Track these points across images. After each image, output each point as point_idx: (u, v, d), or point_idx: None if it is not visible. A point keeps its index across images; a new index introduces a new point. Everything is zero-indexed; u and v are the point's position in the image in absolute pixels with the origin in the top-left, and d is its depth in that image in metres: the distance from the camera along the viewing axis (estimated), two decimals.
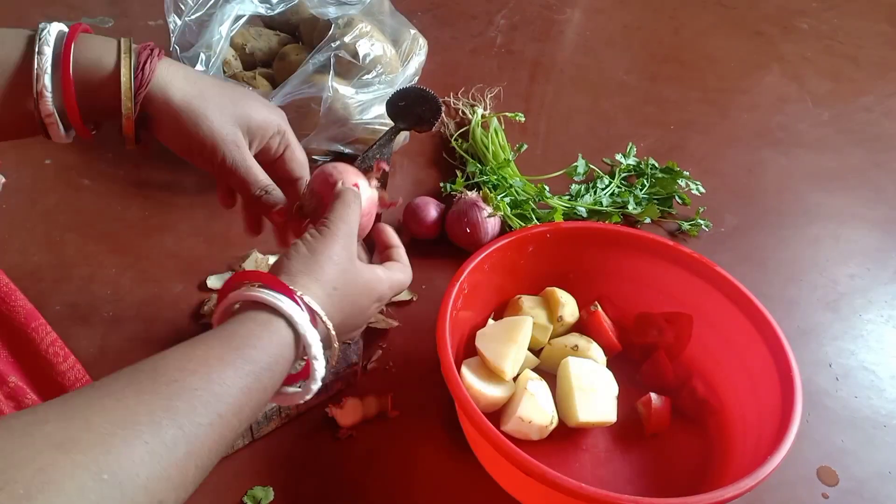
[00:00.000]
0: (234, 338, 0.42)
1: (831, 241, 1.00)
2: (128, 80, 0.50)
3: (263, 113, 0.57)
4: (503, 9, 1.54)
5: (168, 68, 0.53)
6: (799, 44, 1.52)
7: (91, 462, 0.31)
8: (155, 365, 0.38)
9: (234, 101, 0.55)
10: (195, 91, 0.53)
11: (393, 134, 0.68)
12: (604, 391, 0.68)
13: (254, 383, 0.41)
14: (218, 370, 0.39)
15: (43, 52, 0.48)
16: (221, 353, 0.40)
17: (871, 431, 0.74)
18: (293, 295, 0.45)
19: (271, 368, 0.42)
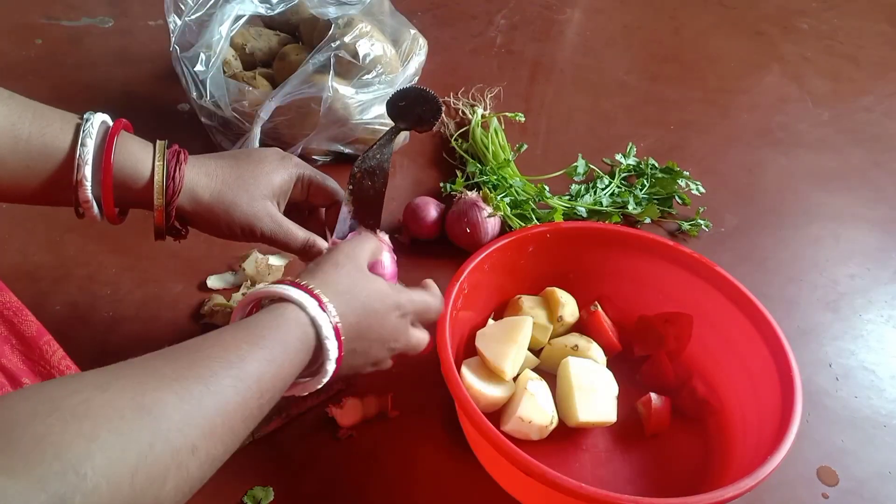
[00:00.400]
0: (251, 323, 0.46)
1: (831, 241, 1.00)
2: (160, 188, 0.55)
3: (281, 173, 0.61)
4: (503, 9, 1.54)
5: (192, 170, 0.57)
6: (799, 44, 1.52)
7: (129, 399, 0.34)
8: (179, 346, 0.42)
9: (255, 178, 0.59)
10: (219, 185, 0.58)
11: (393, 134, 0.68)
12: (604, 391, 0.68)
13: (269, 355, 0.44)
14: (235, 346, 0.43)
15: (86, 144, 0.52)
16: (240, 335, 0.44)
17: (871, 431, 0.74)
18: (300, 285, 0.49)
19: (285, 347, 0.46)
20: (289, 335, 0.46)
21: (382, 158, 0.68)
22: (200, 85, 0.90)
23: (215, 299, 0.79)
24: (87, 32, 1.30)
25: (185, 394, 0.37)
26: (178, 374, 0.38)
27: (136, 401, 0.34)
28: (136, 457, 0.32)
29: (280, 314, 0.47)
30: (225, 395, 0.39)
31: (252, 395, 0.41)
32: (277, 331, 0.46)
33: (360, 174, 0.67)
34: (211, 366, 0.40)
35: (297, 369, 0.47)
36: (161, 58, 1.22)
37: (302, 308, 0.48)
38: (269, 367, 0.43)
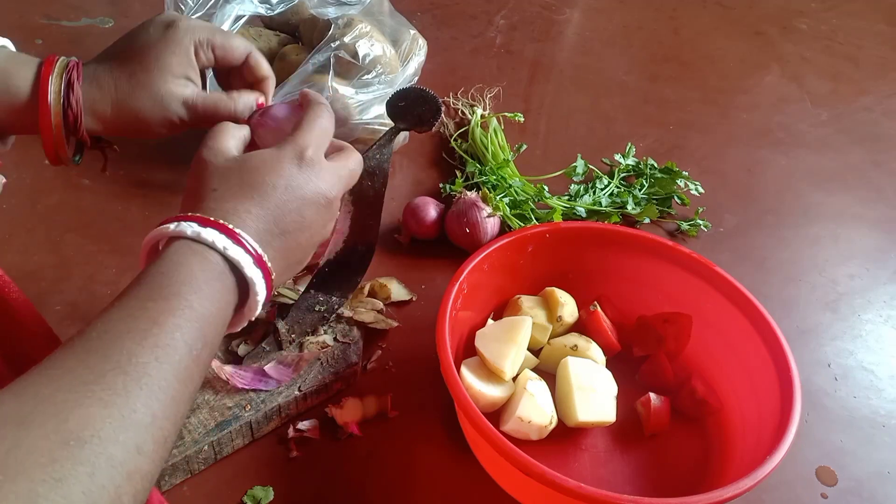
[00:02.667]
0: (155, 278, 0.40)
1: (831, 241, 1.00)
2: (58, 114, 0.49)
3: (172, 48, 0.53)
4: (503, 9, 1.54)
5: (84, 88, 0.51)
6: (798, 44, 1.52)
7: (53, 433, 0.31)
8: (88, 329, 0.37)
9: (146, 70, 0.52)
10: (115, 94, 0.52)
11: (393, 134, 0.68)
12: (603, 391, 0.68)
13: (183, 307, 0.39)
14: (142, 308, 0.38)
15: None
16: (145, 295, 0.39)
17: (869, 431, 0.74)
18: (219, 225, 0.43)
19: (197, 290, 0.40)
20: (194, 273, 0.41)
21: (382, 159, 0.68)
22: None
23: None
24: (87, 32, 1.30)
25: (109, 395, 0.34)
26: (96, 373, 0.34)
27: (61, 432, 0.31)
28: (81, 498, 0.30)
29: (176, 253, 0.41)
30: (150, 375, 0.35)
31: (181, 356, 0.37)
32: (178, 272, 0.40)
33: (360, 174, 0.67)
34: (125, 346, 0.36)
35: (221, 307, 0.42)
36: None
37: (203, 242, 0.42)
38: (188, 316, 0.39)
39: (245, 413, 0.65)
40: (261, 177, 0.46)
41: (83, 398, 0.33)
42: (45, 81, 0.49)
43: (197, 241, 0.42)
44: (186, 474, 0.63)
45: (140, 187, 0.95)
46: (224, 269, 0.42)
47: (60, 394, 0.33)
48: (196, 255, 0.41)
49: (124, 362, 0.35)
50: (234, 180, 0.45)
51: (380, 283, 0.82)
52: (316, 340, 0.73)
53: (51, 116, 0.49)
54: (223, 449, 0.65)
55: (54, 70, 0.49)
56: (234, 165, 0.46)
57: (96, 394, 0.33)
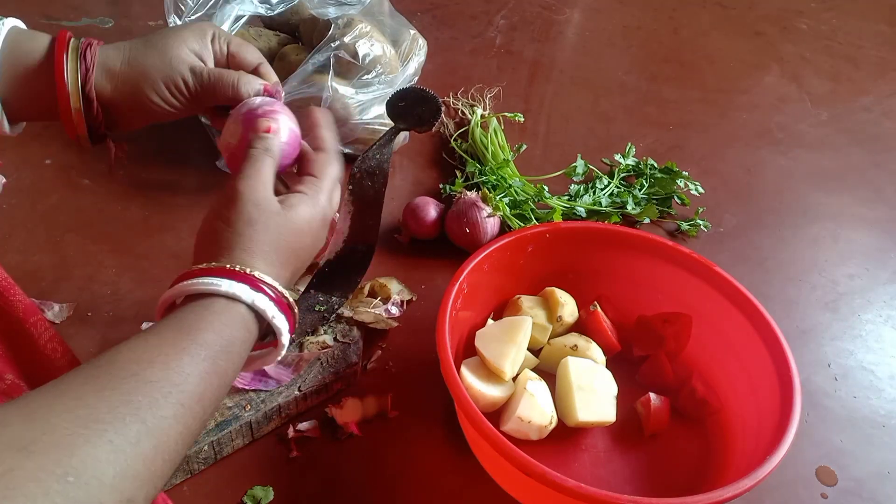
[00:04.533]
0: (183, 323, 0.41)
1: (830, 241, 1.00)
2: (74, 69, 0.50)
3: (193, 31, 0.56)
4: (503, 9, 1.54)
5: (100, 50, 0.53)
6: (798, 44, 1.52)
7: (55, 465, 0.31)
8: (112, 359, 0.37)
9: (164, 40, 0.54)
10: (129, 53, 0.53)
11: (393, 134, 0.68)
12: (603, 391, 0.68)
13: (211, 367, 0.40)
14: (175, 358, 0.39)
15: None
16: (175, 340, 0.40)
17: (869, 431, 0.74)
18: (227, 273, 0.44)
19: (227, 350, 0.42)
20: (234, 334, 0.42)
21: (382, 159, 0.68)
22: None
23: None
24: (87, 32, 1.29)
25: (121, 441, 0.33)
26: (114, 413, 0.34)
27: (62, 467, 0.31)
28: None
29: (215, 311, 0.42)
30: (163, 430, 0.36)
31: (194, 415, 0.38)
32: (221, 333, 0.41)
33: (360, 174, 0.67)
34: (149, 393, 0.36)
35: (238, 364, 0.44)
36: None
37: (238, 300, 0.43)
38: (211, 381, 0.40)
39: (245, 413, 0.65)
40: (303, 240, 0.49)
41: (94, 437, 0.33)
42: (61, 42, 0.50)
43: (242, 302, 0.43)
44: (186, 474, 0.63)
45: (140, 187, 0.95)
46: (252, 324, 0.44)
47: (72, 426, 0.33)
48: (236, 318, 0.43)
49: (144, 409, 0.35)
50: (283, 241, 0.48)
51: (380, 283, 0.82)
52: (316, 340, 0.73)
53: (65, 72, 0.50)
54: (223, 449, 0.65)
55: (70, 37, 0.51)
56: (282, 221, 0.48)
57: (108, 436, 0.33)
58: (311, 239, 0.51)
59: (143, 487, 0.34)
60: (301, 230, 0.49)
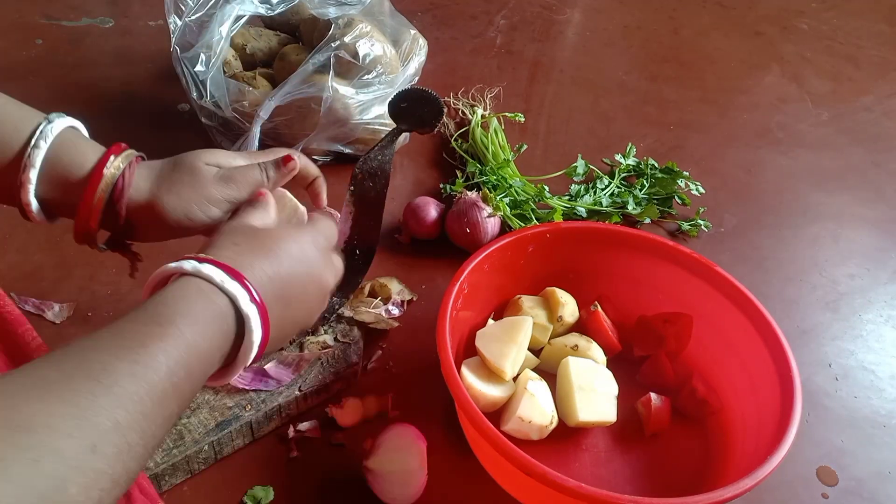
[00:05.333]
0: (149, 304, 0.42)
1: (831, 241, 1.00)
2: (109, 182, 0.52)
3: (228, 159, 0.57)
4: (503, 9, 1.54)
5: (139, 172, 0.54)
6: (799, 44, 1.52)
7: (2, 420, 0.32)
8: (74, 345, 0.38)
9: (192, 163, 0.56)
10: (158, 170, 0.55)
11: (395, 135, 0.68)
12: (604, 391, 0.68)
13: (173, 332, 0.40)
14: (130, 332, 0.39)
15: (38, 146, 0.50)
16: (140, 318, 0.40)
17: (870, 431, 0.74)
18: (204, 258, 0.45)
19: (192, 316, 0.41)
20: (194, 306, 0.42)
21: (384, 160, 0.68)
22: (200, 85, 0.90)
23: None
24: (87, 32, 1.30)
25: (72, 396, 0.34)
26: (65, 375, 0.35)
27: (11, 419, 0.31)
28: (18, 479, 0.30)
29: (178, 287, 0.43)
30: (122, 385, 0.35)
31: (159, 378, 0.38)
32: (177, 303, 0.41)
33: (362, 175, 0.67)
34: (102, 358, 0.36)
35: (213, 346, 0.42)
36: (161, 58, 1.22)
37: (213, 282, 0.43)
38: (176, 343, 0.39)
39: (245, 413, 0.65)
40: (281, 244, 0.49)
41: (44, 394, 0.33)
42: (106, 157, 0.52)
43: (201, 278, 0.43)
44: (187, 474, 0.63)
45: None
46: (227, 312, 0.43)
47: (21, 389, 0.33)
48: (200, 292, 0.42)
49: (97, 370, 0.35)
50: (257, 242, 0.48)
51: (380, 283, 0.82)
52: (316, 340, 0.73)
53: (99, 185, 0.51)
54: (223, 449, 0.65)
55: (121, 154, 0.52)
56: (261, 232, 0.50)
57: (58, 392, 0.34)
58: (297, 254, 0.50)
59: (106, 436, 0.34)
60: (284, 241, 0.49)
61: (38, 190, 0.51)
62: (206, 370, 0.42)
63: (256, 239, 0.48)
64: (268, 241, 0.48)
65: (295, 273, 0.49)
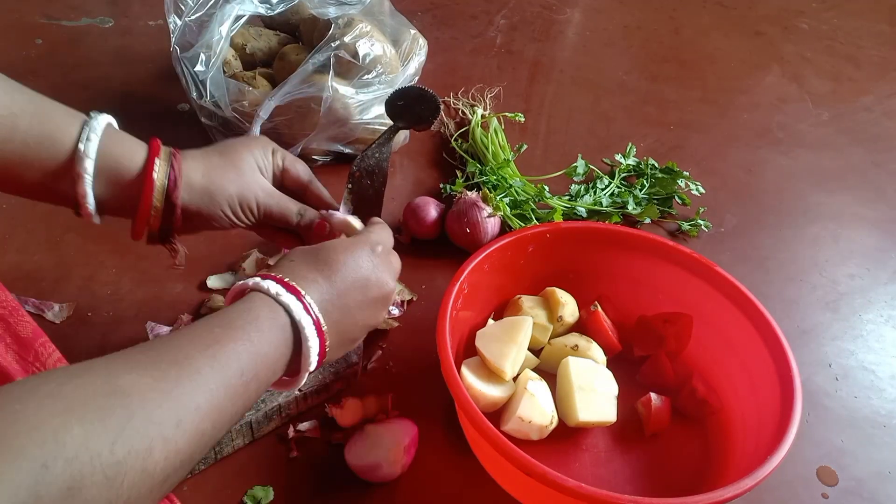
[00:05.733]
0: (223, 313, 0.46)
1: (831, 241, 1.00)
2: (162, 184, 0.55)
3: (261, 146, 0.62)
4: (503, 9, 1.54)
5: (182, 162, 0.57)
6: (799, 44, 1.52)
7: (101, 382, 0.35)
8: (155, 340, 0.42)
9: (239, 156, 0.60)
10: (207, 168, 0.58)
11: (392, 133, 0.68)
12: (604, 391, 0.68)
13: (242, 336, 0.44)
14: (207, 332, 0.43)
15: (90, 140, 0.52)
16: (214, 322, 0.45)
17: (870, 431, 0.74)
18: (272, 276, 0.49)
19: (256, 325, 0.46)
20: (260, 315, 0.46)
21: (381, 157, 0.68)
22: (200, 85, 0.90)
23: (215, 299, 0.79)
24: (87, 32, 1.30)
25: (161, 375, 0.38)
26: (153, 361, 0.38)
27: (109, 384, 0.35)
28: (116, 428, 0.33)
29: (249, 300, 0.47)
30: (202, 375, 0.40)
31: (232, 374, 0.42)
32: (248, 314, 0.46)
33: (360, 173, 0.67)
34: (185, 350, 0.41)
35: (277, 352, 0.47)
36: (161, 58, 1.22)
37: (270, 295, 0.48)
38: (245, 346, 0.44)
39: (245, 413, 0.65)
40: (335, 255, 0.53)
41: (135, 370, 0.37)
42: (151, 160, 0.55)
43: (262, 291, 0.48)
44: (187, 474, 0.63)
45: None
46: (286, 324, 0.48)
47: (115, 365, 0.37)
48: (266, 306, 0.47)
49: (181, 359, 0.40)
50: (311, 257, 0.53)
51: None
52: None
53: (153, 189, 0.54)
54: (223, 448, 0.65)
55: (161, 153, 0.56)
56: (319, 248, 0.54)
57: (148, 372, 0.37)
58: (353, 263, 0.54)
59: (188, 414, 0.38)
60: (338, 253, 0.53)
61: (93, 186, 0.53)
62: (271, 375, 0.47)
63: (311, 254, 0.53)
64: (322, 254, 0.53)
65: (351, 281, 0.53)
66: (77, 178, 0.52)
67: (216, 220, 0.59)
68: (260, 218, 0.61)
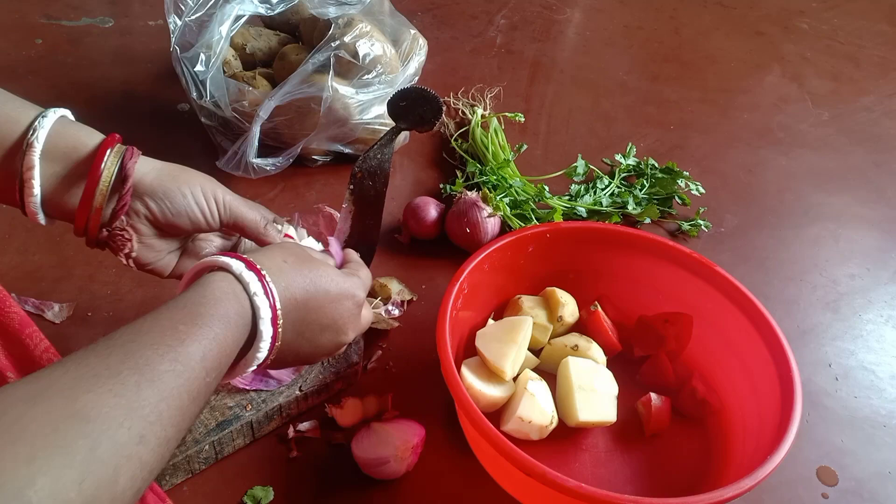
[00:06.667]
0: (190, 301, 0.44)
1: (831, 241, 1.00)
2: (110, 174, 0.52)
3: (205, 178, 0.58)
4: (503, 9, 1.54)
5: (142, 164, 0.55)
6: (799, 44, 1.52)
7: (60, 408, 0.33)
8: (112, 335, 0.40)
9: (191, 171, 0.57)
10: (164, 166, 0.56)
11: (394, 134, 0.68)
12: (604, 391, 0.68)
13: (210, 335, 0.43)
14: (171, 330, 0.41)
15: (36, 129, 0.50)
16: (179, 316, 0.43)
17: (870, 431, 0.74)
18: (244, 259, 0.48)
19: (225, 319, 0.44)
20: (229, 310, 0.45)
21: (383, 158, 0.68)
22: (200, 85, 0.90)
23: None
24: (87, 32, 1.30)
25: (121, 388, 0.36)
26: (112, 370, 0.36)
27: (68, 409, 0.33)
28: (80, 466, 0.32)
29: (218, 287, 0.45)
30: (164, 381, 0.38)
31: (196, 376, 0.40)
32: (216, 305, 0.44)
33: (361, 174, 0.67)
34: (146, 354, 0.38)
35: (238, 343, 0.46)
36: (161, 58, 1.22)
37: (240, 281, 0.46)
38: (211, 346, 0.42)
39: (246, 413, 0.65)
40: (322, 280, 0.52)
41: (94, 386, 0.35)
42: (105, 146, 0.52)
43: (239, 280, 0.46)
44: (187, 474, 0.63)
45: None
46: (249, 316, 0.46)
47: (73, 381, 0.35)
48: (235, 296, 0.45)
49: (142, 365, 0.38)
50: (305, 268, 0.51)
51: (380, 283, 0.82)
52: None
53: (99, 177, 0.52)
54: (224, 448, 0.65)
55: (115, 146, 0.53)
56: (314, 262, 0.53)
57: (107, 385, 0.35)
58: (332, 302, 0.53)
59: (152, 426, 0.36)
60: (327, 280, 0.53)
61: (41, 182, 0.52)
62: (228, 364, 0.45)
63: (305, 266, 0.52)
64: (313, 268, 0.52)
65: (320, 312, 0.52)
66: (24, 171, 0.50)
67: (177, 206, 0.55)
68: (226, 216, 0.57)
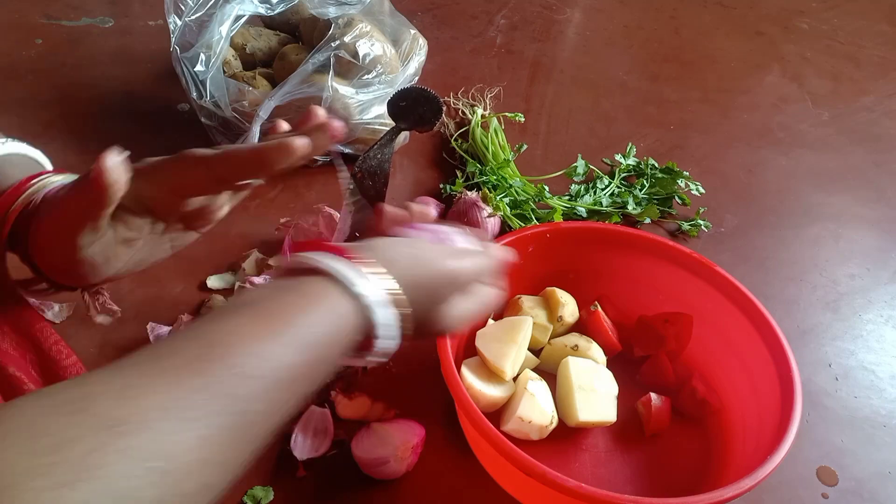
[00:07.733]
0: (275, 301, 0.39)
1: (831, 241, 1.00)
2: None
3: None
4: (503, 9, 1.54)
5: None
6: (799, 44, 1.52)
7: (142, 449, 0.30)
8: (210, 339, 0.36)
9: None
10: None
11: (394, 134, 0.68)
12: (604, 391, 0.68)
13: (304, 360, 0.38)
14: (270, 347, 0.37)
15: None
16: (274, 327, 0.37)
17: (870, 431, 0.74)
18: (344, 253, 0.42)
19: (326, 343, 0.39)
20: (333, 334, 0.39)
21: (383, 158, 0.68)
22: (200, 85, 0.90)
23: (215, 299, 0.79)
24: (87, 32, 1.30)
25: (208, 433, 0.34)
26: (206, 408, 0.34)
27: (149, 451, 0.31)
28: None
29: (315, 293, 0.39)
30: (253, 419, 0.36)
31: (281, 403, 0.37)
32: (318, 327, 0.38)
33: (361, 174, 0.67)
34: (243, 385, 0.35)
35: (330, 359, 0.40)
36: (161, 58, 1.22)
37: (347, 283, 0.40)
38: (302, 373, 0.38)
39: None
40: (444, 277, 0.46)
41: (183, 428, 0.33)
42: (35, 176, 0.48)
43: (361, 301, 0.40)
44: None
45: None
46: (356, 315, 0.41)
47: (162, 413, 0.32)
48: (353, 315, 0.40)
49: (236, 404, 0.35)
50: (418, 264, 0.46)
51: None
52: None
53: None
54: None
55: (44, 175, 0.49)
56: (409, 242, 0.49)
57: (197, 428, 0.33)
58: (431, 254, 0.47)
59: (223, 474, 0.36)
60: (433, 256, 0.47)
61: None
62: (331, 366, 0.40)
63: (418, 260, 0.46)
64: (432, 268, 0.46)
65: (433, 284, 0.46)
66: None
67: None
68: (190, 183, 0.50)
